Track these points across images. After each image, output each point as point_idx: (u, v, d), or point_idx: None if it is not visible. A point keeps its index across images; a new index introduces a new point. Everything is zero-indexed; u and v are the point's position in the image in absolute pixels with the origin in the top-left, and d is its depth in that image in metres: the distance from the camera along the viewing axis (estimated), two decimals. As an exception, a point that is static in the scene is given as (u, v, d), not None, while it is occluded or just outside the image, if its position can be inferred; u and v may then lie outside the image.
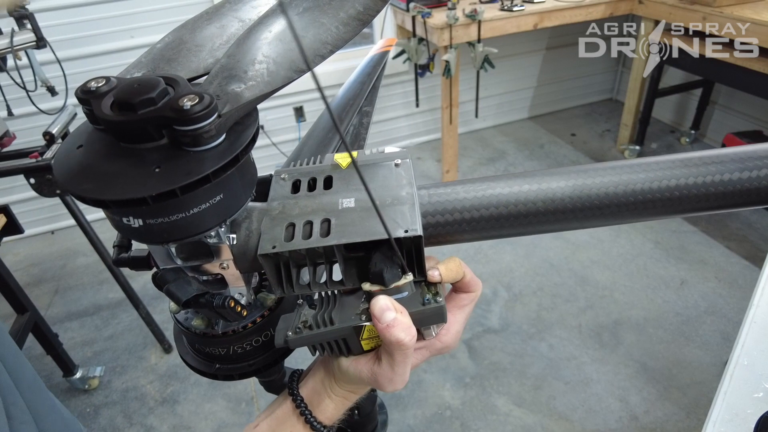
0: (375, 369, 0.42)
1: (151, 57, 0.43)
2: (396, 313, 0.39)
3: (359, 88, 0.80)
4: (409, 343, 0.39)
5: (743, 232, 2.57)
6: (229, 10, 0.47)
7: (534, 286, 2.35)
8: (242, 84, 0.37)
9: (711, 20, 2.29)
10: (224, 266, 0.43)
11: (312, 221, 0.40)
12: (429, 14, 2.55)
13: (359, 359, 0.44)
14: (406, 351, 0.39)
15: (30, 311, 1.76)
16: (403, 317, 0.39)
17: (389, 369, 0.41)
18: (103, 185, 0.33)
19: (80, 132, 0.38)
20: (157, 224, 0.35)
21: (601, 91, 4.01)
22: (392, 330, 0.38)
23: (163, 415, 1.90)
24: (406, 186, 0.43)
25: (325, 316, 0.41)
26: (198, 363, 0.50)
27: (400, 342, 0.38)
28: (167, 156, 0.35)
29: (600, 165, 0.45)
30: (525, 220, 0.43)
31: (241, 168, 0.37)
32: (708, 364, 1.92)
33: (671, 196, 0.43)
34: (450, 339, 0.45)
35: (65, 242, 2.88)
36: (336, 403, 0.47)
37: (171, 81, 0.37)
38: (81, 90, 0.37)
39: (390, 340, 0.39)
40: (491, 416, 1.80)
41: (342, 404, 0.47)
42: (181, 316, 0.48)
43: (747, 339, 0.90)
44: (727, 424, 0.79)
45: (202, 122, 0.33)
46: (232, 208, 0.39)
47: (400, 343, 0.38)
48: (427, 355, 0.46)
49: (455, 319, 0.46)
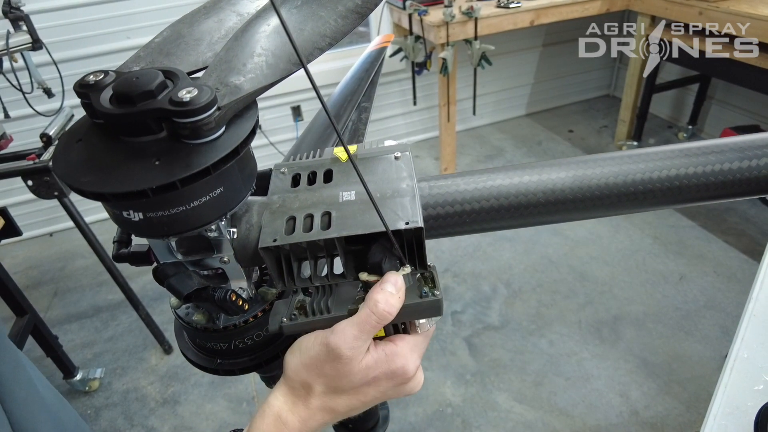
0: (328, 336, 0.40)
1: (150, 51, 0.43)
2: (396, 292, 0.39)
3: (357, 84, 0.80)
4: (381, 310, 0.38)
5: (741, 226, 2.57)
6: (227, 3, 0.47)
7: (533, 282, 2.35)
8: (241, 77, 0.37)
9: (707, 15, 2.29)
10: (225, 260, 0.42)
11: (312, 214, 0.40)
12: (426, 12, 2.55)
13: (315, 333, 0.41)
14: (372, 314, 0.38)
15: (29, 313, 1.76)
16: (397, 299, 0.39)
17: (349, 325, 0.39)
18: (102, 178, 0.33)
19: (79, 126, 0.38)
20: (158, 217, 0.35)
21: (599, 88, 4.01)
22: (380, 293, 0.39)
23: (164, 416, 1.89)
24: (407, 178, 0.43)
25: (321, 304, 0.41)
26: (199, 358, 0.50)
27: (376, 302, 0.38)
28: (167, 149, 0.34)
29: (600, 156, 0.45)
30: (525, 211, 0.43)
31: (240, 161, 0.37)
32: (708, 358, 1.93)
33: (671, 185, 0.43)
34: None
35: (64, 244, 2.87)
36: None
37: (170, 74, 0.37)
38: (79, 84, 0.36)
39: (373, 296, 0.39)
40: (492, 413, 1.81)
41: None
42: (182, 311, 0.47)
43: (746, 332, 0.90)
44: (727, 417, 0.79)
45: (201, 114, 0.33)
46: (233, 202, 0.39)
47: (376, 302, 0.38)
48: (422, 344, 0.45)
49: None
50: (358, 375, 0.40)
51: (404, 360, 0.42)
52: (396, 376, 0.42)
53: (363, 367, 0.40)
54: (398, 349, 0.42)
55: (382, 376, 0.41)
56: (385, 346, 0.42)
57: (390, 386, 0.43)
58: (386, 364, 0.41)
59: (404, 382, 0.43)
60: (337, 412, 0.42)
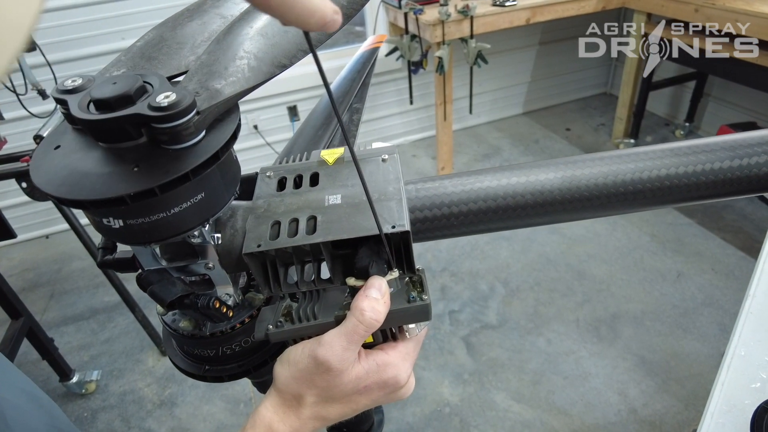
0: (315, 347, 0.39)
1: (131, 55, 0.42)
2: (381, 297, 0.38)
3: (349, 85, 0.79)
4: (368, 319, 0.38)
5: (738, 223, 2.57)
6: (210, 6, 0.47)
7: (531, 281, 2.35)
8: (222, 80, 0.36)
9: (703, 12, 2.29)
10: (210, 266, 0.42)
11: (298, 219, 0.40)
12: (421, 11, 2.55)
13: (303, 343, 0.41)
14: (360, 323, 0.38)
15: (24, 316, 1.75)
16: (382, 305, 0.39)
17: (337, 337, 0.39)
18: (80, 186, 0.33)
19: (58, 132, 0.37)
20: (138, 224, 0.35)
21: (596, 85, 4.01)
22: (365, 300, 0.38)
23: (161, 418, 1.89)
24: (393, 181, 0.42)
25: (308, 310, 0.41)
26: (187, 365, 0.49)
27: (362, 311, 0.38)
28: (146, 155, 0.34)
29: (589, 156, 0.44)
30: (514, 213, 0.43)
31: (222, 165, 0.37)
32: (706, 355, 1.92)
33: (662, 185, 0.42)
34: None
35: (60, 246, 2.86)
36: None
37: (149, 79, 0.36)
38: (57, 89, 0.36)
39: (359, 305, 0.38)
40: (490, 412, 1.80)
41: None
42: (168, 318, 0.47)
43: (744, 329, 0.90)
44: (725, 415, 0.79)
45: (180, 119, 0.33)
46: (215, 207, 0.38)
47: (363, 311, 0.38)
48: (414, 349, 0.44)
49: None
50: (349, 385, 0.40)
51: (395, 370, 0.41)
52: (387, 385, 0.42)
53: (353, 378, 0.40)
54: (389, 359, 0.41)
55: (373, 386, 0.41)
56: (376, 355, 0.41)
57: (381, 394, 0.42)
58: (377, 375, 0.41)
59: (395, 390, 0.43)
60: (329, 419, 0.42)
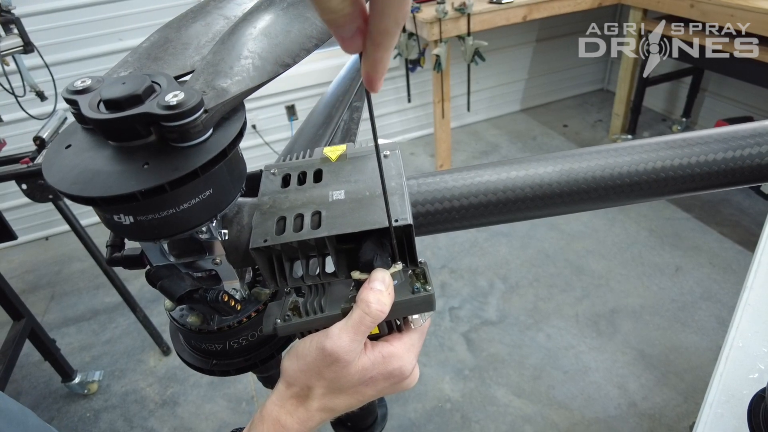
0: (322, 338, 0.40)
1: (137, 56, 0.43)
2: (386, 289, 0.39)
3: (349, 83, 0.80)
4: (374, 310, 0.39)
5: (736, 217, 2.58)
6: (214, 7, 0.47)
7: (530, 277, 2.36)
8: (228, 79, 0.37)
9: (699, 8, 2.30)
10: (217, 261, 0.43)
11: (303, 214, 0.41)
12: (418, 9, 2.55)
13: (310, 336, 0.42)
14: (366, 315, 0.39)
15: (26, 317, 1.76)
16: (387, 296, 0.39)
17: (344, 329, 0.39)
18: (92, 183, 0.33)
19: (69, 132, 0.38)
20: (148, 221, 0.36)
21: (593, 82, 4.02)
22: (371, 292, 0.39)
23: (163, 418, 1.90)
24: (395, 176, 0.43)
25: (315, 304, 0.42)
26: (194, 359, 0.50)
27: (368, 302, 0.39)
28: (155, 152, 0.35)
29: (586, 150, 0.45)
30: (513, 206, 0.44)
31: (229, 162, 0.38)
32: (704, 348, 1.94)
33: (657, 177, 0.43)
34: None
35: (60, 248, 2.87)
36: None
37: (157, 78, 0.37)
38: (67, 90, 0.37)
39: (364, 297, 0.39)
40: (491, 407, 1.82)
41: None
42: (176, 313, 0.48)
43: (741, 321, 0.91)
44: (723, 405, 0.80)
45: (188, 117, 0.33)
46: (222, 203, 0.39)
47: (368, 303, 0.39)
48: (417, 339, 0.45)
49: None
50: (356, 376, 0.41)
51: (401, 361, 0.42)
52: (393, 376, 0.42)
53: (360, 369, 0.41)
54: (395, 350, 0.42)
55: (379, 377, 0.42)
56: (382, 347, 0.42)
57: (387, 385, 0.43)
58: (383, 366, 0.42)
59: (401, 381, 0.43)
60: (336, 411, 0.43)
